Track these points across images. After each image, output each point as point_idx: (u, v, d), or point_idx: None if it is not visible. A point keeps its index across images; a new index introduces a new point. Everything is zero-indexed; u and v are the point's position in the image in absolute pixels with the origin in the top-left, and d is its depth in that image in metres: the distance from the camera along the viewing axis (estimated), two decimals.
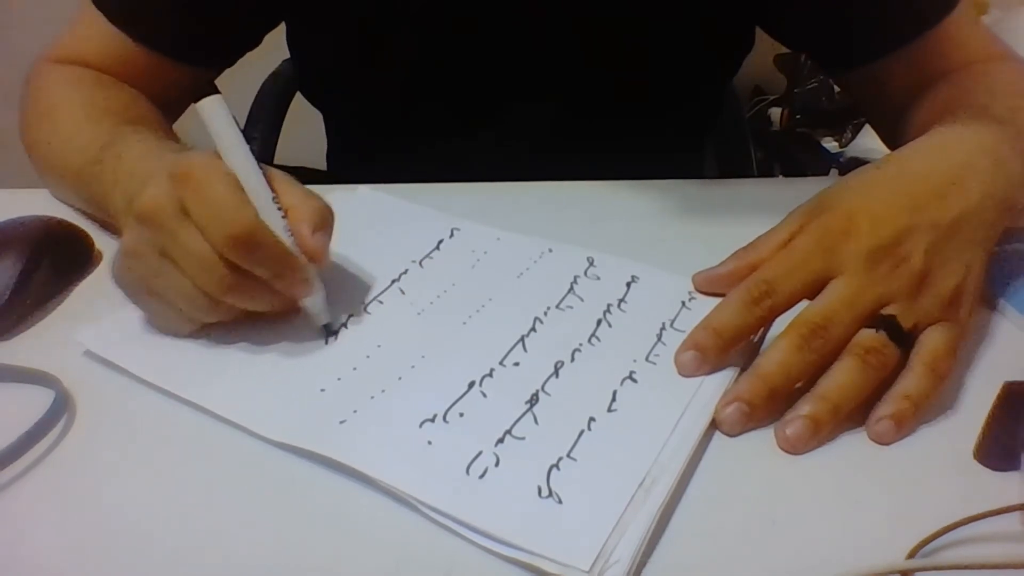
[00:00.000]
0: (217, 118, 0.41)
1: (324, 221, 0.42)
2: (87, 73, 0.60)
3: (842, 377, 0.38)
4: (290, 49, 0.71)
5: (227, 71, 0.67)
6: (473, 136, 0.68)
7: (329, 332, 0.43)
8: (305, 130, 0.90)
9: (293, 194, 0.42)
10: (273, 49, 0.72)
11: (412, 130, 0.69)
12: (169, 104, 0.63)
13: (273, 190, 0.41)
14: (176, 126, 0.63)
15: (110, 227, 0.53)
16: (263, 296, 0.41)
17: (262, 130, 0.90)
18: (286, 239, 0.40)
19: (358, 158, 0.78)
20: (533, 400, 0.39)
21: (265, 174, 0.41)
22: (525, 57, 0.63)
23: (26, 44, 0.67)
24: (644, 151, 0.66)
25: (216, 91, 0.41)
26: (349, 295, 0.46)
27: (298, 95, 0.92)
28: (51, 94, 0.59)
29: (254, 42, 0.67)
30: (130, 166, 0.46)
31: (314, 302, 0.42)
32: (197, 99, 0.41)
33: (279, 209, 0.40)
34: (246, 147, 0.41)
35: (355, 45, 0.65)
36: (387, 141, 0.72)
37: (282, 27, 0.69)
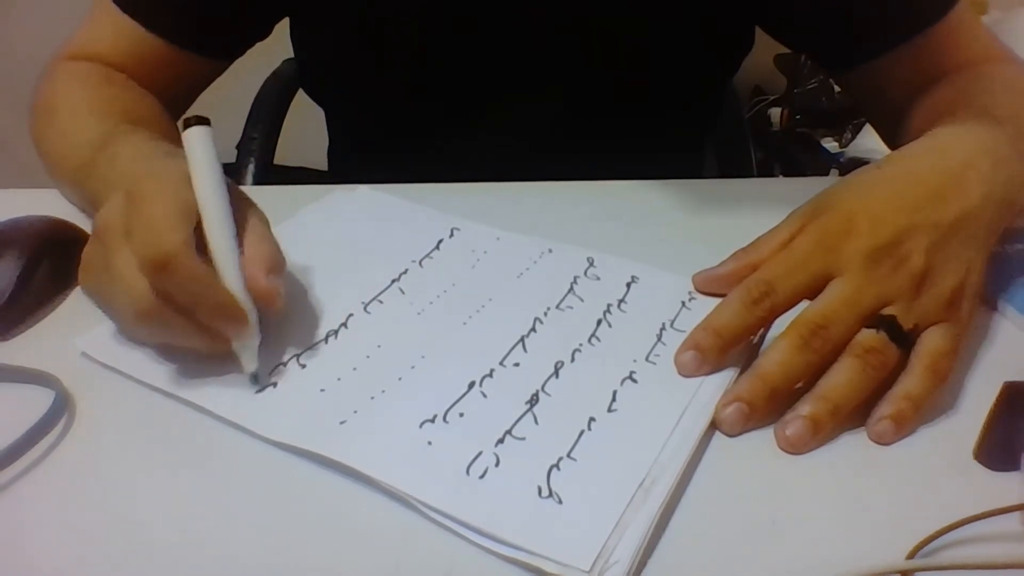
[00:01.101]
0: (199, 147, 0.41)
1: (278, 266, 0.41)
2: (96, 69, 0.61)
3: (842, 377, 0.38)
4: (293, 45, 0.71)
5: (227, 71, 0.67)
6: (473, 136, 0.68)
7: (256, 382, 0.40)
8: (305, 130, 0.90)
9: (253, 236, 0.41)
10: (273, 49, 0.72)
11: (412, 129, 0.69)
12: (178, 96, 0.64)
13: (239, 227, 0.41)
14: None
15: None
16: (184, 331, 0.39)
17: (262, 130, 0.90)
18: (236, 277, 0.39)
19: (359, 156, 0.78)
20: (533, 400, 0.39)
21: (239, 210, 0.41)
22: (525, 57, 0.63)
23: (26, 45, 0.67)
24: (644, 151, 0.66)
25: (206, 121, 0.41)
26: (349, 295, 0.46)
27: (298, 95, 0.93)
28: (56, 91, 0.60)
29: (264, 32, 0.68)
30: (122, 167, 0.46)
31: (244, 347, 0.39)
32: (187, 122, 0.41)
33: (239, 248, 0.40)
34: (219, 181, 0.41)
35: (356, 43, 0.65)
36: (388, 140, 0.72)
37: (284, 27, 0.69)
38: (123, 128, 0.51)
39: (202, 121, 0.41)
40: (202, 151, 0.41)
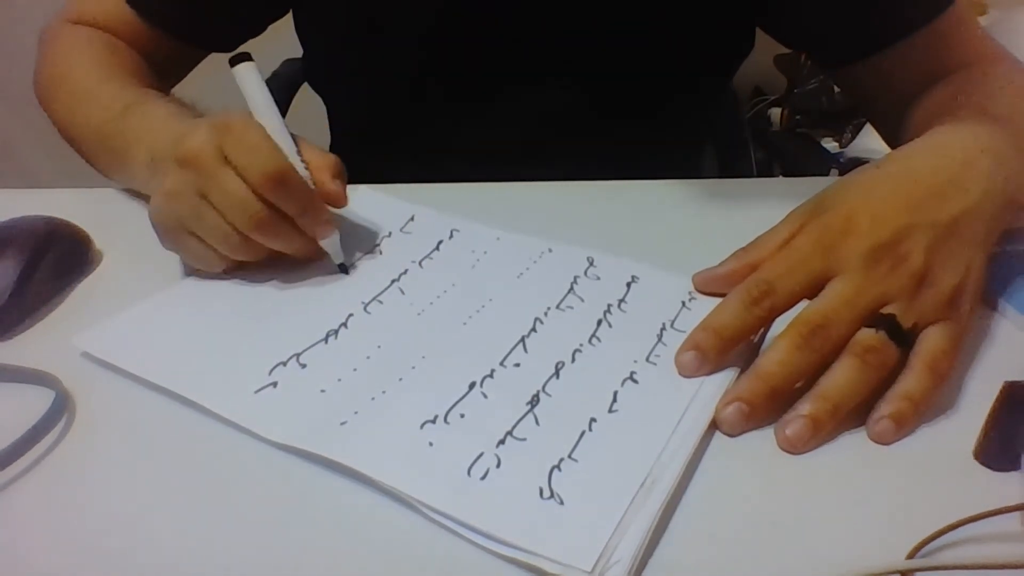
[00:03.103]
0: (251, 82, 0.48)
1: (340, 171, 0.48)
2: (100, 36, 0.64)
3: (842, 377, 0.38)
4: (297, 32, 0.71)
5: (228, 71, 0.67)
6: (471, 134, 0.68)
7: (344, 270, 0.48)
8: (306, 130, 0.89)
9: (311, 150, 0.48)
10: (274, 49, 0.72)
11: (416, 121, 0.69)
12: (168, 74, 0.67)
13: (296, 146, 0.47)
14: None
15: (122, 179, 0.57)
16: (289, 235, 0.46)
17: None
18: (311, 186, 0.46)
19: (361, 153, 0.78)
20: (534, 401, 0.39)
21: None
22: (527, 52, 0.63)
23: (26, 45, 0.67)
24: (643, 150, 0.66)
25: (249, 57, 0.47)
26: (349, 295, 0.46)
27: (299, 95, 0.93)
28: (68, 55, 0.63)
29: (259, 28, 0.69)
30: (153, 124, 0.51)
31: (331, 243, 0.47)
32: (233, 60, 0.47)
33: (302, 162, 0.46)
34: (276, 108, 0.47)
35: (360, 33, 0.65)
36: (391, 132, 0.72)
37: (284, 27, 0.69)
38: (149, 92, 0.57)
39: (247, 57, 0.48)
40: (256, 83, 0.47)
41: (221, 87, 0.68)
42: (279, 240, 0.45)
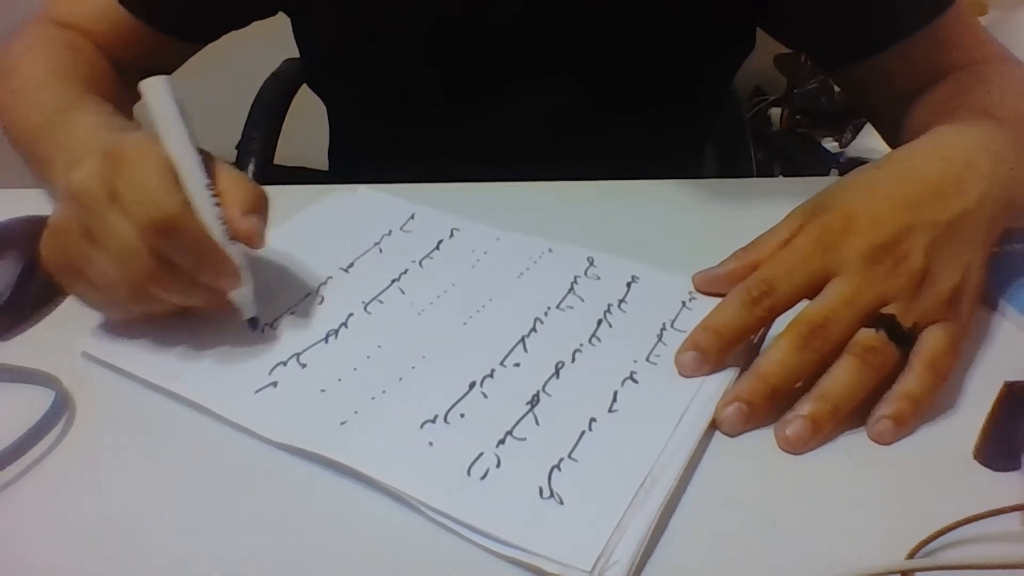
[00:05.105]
0: (159, 99, 0.41)
1: (257, 204, 0.41)
2: (63, 35, 0.62)
3: (842, 377, 0.38)
4: (295, 34, 0.71)
5: (227, 71, 0.67)
6: (471, 133, 0.68)
7: (254, 326, 0.42)
8: (305, 130, 0.90)
9: (228, 179, 0.41)
10: (273, 49, 0.72)
11: (416, 120, 0.69)
12: (148, 71, 0.64)
13: (210, 176, 0.40)
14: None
15: (48, 190, 0.54)
16: (186, 288, 0.39)
17: (262, 130, 0.90)
18: (217, 227, 0.39)
19: (361, 153, 0.78)
20: (534, 401, 0.39)
21: (204, 160, 0.41)
22: (527, 51, 0.63)
23: None
24: (644, 150, 0.66)
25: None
26: (349, 295, 0.46)
27: (298, 96, 0.93)
28: (22, 51, 0.60)
29: (239, 24, 0.68)
30: (78, 135, 0.46)
31: (241, 294, 0.41)
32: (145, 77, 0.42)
33: (213, 196, 0.40)
34: (185, 131, 0.40)
35: (357, 31, 0.65)
36: (392, 132, 0.72)
37: (284, 27, 0.69)
38: (86, 97, 0.52)
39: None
40: (166, 102, 0.41)
41: (205, 91, 0.68)
42: (174, 293, 0.39)
